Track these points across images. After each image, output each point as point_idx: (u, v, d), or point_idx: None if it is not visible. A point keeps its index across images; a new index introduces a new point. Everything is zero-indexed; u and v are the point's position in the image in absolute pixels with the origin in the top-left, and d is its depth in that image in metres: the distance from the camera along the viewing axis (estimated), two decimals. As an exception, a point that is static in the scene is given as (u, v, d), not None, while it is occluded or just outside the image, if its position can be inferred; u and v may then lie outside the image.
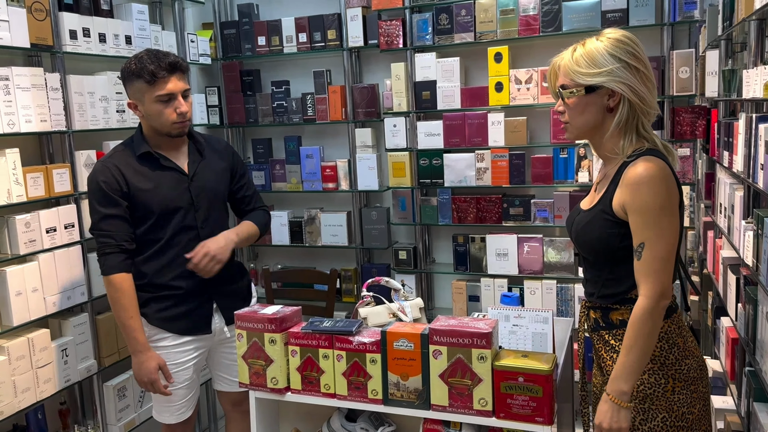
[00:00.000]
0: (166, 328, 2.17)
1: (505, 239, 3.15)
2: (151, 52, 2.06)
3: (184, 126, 2.11)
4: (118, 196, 2.06)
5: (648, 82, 1.52)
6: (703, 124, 2.80)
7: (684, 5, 2.76)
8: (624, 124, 1.54)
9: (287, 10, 3.55)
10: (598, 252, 1.58)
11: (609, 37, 1.53)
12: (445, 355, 1.58)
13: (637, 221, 1.47)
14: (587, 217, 1.61)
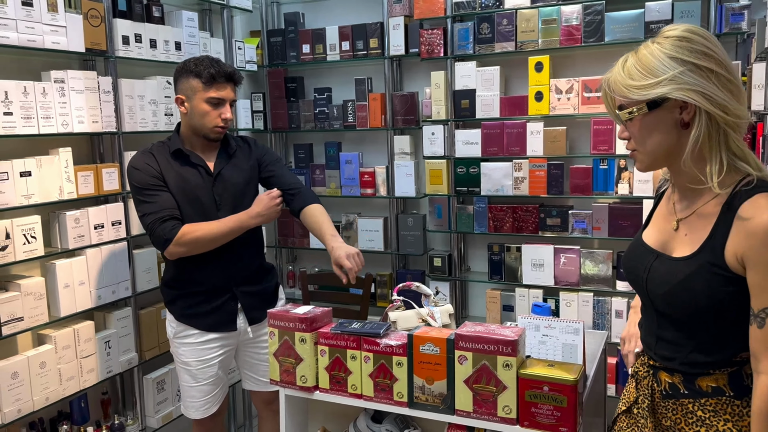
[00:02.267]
0: (192, 324, 2.25)
1: (542, 249, 3.14)
2: (212, 58, 2.19)
3: (223, 132, 2.22)
4: (161, 181, 2.18)
5: (730, 85, 1.20)
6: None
7: (731, 16, 2.71)
8: (707, 143, 1.22)
9: (332, 18, 3.62)
10: (702, 313, 1.26)
11: (668, 35, 1.23)
12: (471, 361, 1.59)
13: (761, 282, 1.17)
14: (685, 268, 1.27)
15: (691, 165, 1.25)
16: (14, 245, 2.22)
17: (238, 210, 2.24)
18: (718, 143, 1.22)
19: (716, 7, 2.74)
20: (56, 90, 2.36)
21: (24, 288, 2.26)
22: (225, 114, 2.18)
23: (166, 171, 2.19)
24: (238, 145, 2.35)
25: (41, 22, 2.29)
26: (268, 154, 2.43)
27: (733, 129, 1.21)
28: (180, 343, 2.27)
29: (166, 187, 2.17)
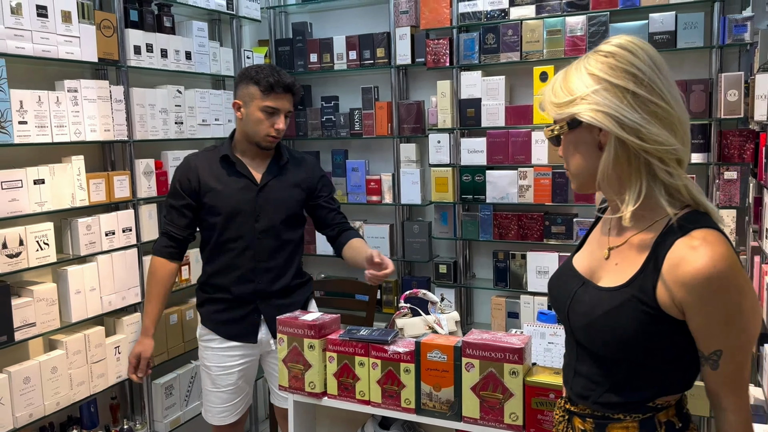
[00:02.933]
0: (215, 330, 2.28)
1: (546, 257, 3.16)
2: (274, 67, 2.20)
3: (274, 141, 2.22)
4: (185, 192, 2.23)
5: (654, 108, 1.07)
6: (751, 148, 2.76)
7: (734, 28, 2.74)
8: (626, 169, 1.10)
9: (339, 28, 3.67)
10: (623, 350, 1.14)
11: (597, 49, 1.13)
12: (478, 368, 1.62)
13: (708, 329, 1.07)
14: (610, 300, 1.15)
15: (608, 191, 1.16)
16: (27, 252, 2.26)
17: (275, 224, 2.24)
18: (638, 170, 1.10)
19: (719, 18, 2.78)
20: (69, 99, 2.41)
21: (36, 294, 2.30)
22: (278, 124, 2.17)
23: (208, 179, 2.22)
24: (293, 159, 2.33)
25: (56, 33, 2.33)
26: (324, 183, 2.39)
27: (654, 156, 1.07)
28: (204, 346, 2.31)
29: (189, 200, 2.23)
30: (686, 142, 1.11)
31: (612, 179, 1.13)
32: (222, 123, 3.23)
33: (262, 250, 2.23)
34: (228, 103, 3.30)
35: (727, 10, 2.81)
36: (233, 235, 2.23)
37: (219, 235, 2.23)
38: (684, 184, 1.10)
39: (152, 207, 2.81)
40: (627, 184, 1.12)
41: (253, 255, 2.23)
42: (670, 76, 1.10)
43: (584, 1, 2.98)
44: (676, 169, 1.09)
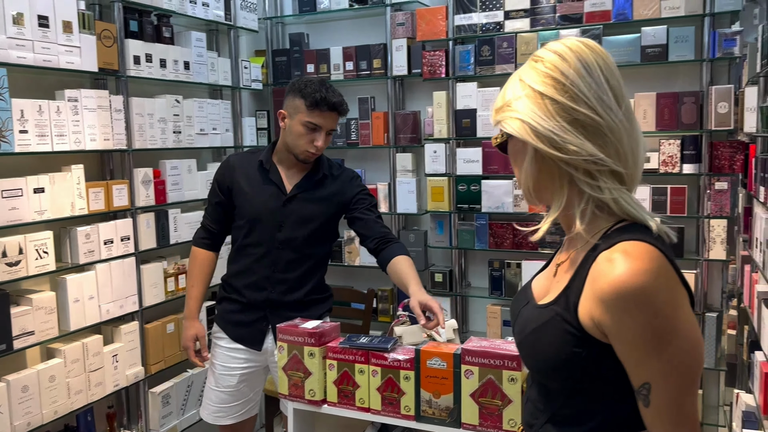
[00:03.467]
0: (224, 329, 2.29)
1: (541, 266, 3.19)
2: (323, 83, 2.14)
3: (312, 157, 2.18)
4: (220, 191, 2.27)
5: (577, 115, 0.97)
6: (741, 159, 2.81)
7: (724, 42, 2.80)
8: (547, 180, 1.02)
9: (335, 40, 3.71)
10: (554, 374, 1.04)
11: (535, 54, 1.05)
12: (477, 375, 1.64)
13: (631, 356, 0.94)
14: (539, 317, 1.06)
15: (539, 204, 1.08)
16: (27, 260, 2.27)
17: (297, 236, 2.20)
18: (561, 183, 1.01)
19: (710, 32, 2.84)
20: (70, 108, 2.42)
21: (36, 302, 2.31)
22: (317, 141, 2.13)
23: (241, 180, 2.23)
24: (331, 174, 2.27)
25: (57, 43, 2.36)
26: (363, 195, 2.29)
27: (575, 167, 0.98)
28: (214, 343, 2.32)
29: (222, 198, 2.26)
30: (624, 153, 0.98)
31: (540, 192, 1.05)
32: (219, 132, 3.26)
33: (279, 260, 2.22)
34: (226, 113, 3.33)
35: (717, 25, 2.87)
36: (254, 240, 2.23)
37: (242, 237, 2.25)
38: (614, 197, 0.98)
39: (150, 216, 2.83)
40: (554, 198, 1.03)
41: (271, 263, 2.22)
42: (606, 81, 0.98)
43: (578, 14, 3.04)
44: (607, 182, 0.98)
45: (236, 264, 2.28)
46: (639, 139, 1.02)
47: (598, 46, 1.02)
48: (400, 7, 3.47)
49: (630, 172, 1.00)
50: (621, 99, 1.00)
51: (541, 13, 3.11)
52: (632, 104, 1.12)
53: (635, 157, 1.01)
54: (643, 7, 2.92)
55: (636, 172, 1.02)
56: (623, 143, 0.99)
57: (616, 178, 0.99)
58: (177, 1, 2.95)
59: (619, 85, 1.00)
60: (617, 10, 2.97)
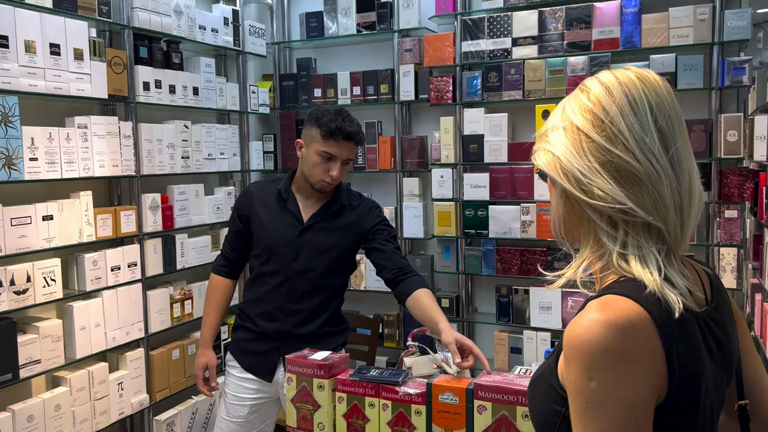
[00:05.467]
0: (237, 358, 2.27)
1: (549, 293, 3.18)
2: (341, 111, 2.13)
3: (328, 186, 2.15)
4: (239, 219, 2.26)
5: (606, 156, 0.87)
6: (751, 187, 2.80)
7: (733, 70, 2.80)
8: (573, 223, 0.94)
9: (343, 65, 3.72)
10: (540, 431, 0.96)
11: (584, 83, 0.95)
12: (490, 411, 1.62)
13: (573, 409, 0.84)
14: (541, 368, 0.99)
15: (563, 242, 0.98)
16: (34, 288, 2.26)
17: (313, 267, 2.17)
18: (588, 227, 0.91)
19: (719, 60, 2.84)
20: (79, 135, 2.43)
21: (42, 330, 2.29)
22: (333, 171, 2.09)
23: (259, 209, 2.22)
24: (350, 205, 2.24)
25: (67, 70, 2.37)
26: (382, 226, 2.24)
27: (600, 213, 0.88)
28: (227, 372, 2.29)
29: (241, 227, 2.25)
30: (665, 206, 0.86)
31: (567, 232, 0.96)
32: (227, 157, 3.26)
33: (294, 291, 2.19)
34: (233, 137, 3.33)
35: (725, 53, 2.88)
36: (271, 269, 2.20)
37: (259, 266, 2.23)
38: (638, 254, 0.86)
39: (157, 241, 2.82)
40: (582, 241, 0.93)
41: (285, 294, 2.19)
42: (654, 122, 0.87)
43: (586, 41, 3.05)
44: (636, 237, 0.86)
45: (252, 292, 2.26)
46: (690, 191, 0.88)
47: (658, 80, 0.91)
48: (408, 33, 3.48)
49: (672, 229, 0.87)
50: (670, 143, 0.87)
51: (549, 40, 3.12)
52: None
53: (681, 212, 0.87)
54: (651, 35, 2.93)
55: (683, 230, 0.88)
56: (664, 195, 0.86)
57: (653, 234, 0.87)
58: (186, 28, 2.97)
59: (671, 126, 0.88)
60: (625, 38, 2.98)
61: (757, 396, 1.04)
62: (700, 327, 0.89)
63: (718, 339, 0.93)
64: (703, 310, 0.92)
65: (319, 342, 2.21)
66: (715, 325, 0.93)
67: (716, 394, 0.92)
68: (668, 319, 0.82)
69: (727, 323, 0.97)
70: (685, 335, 0.84)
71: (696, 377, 0.85)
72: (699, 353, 0.86)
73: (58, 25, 2.32)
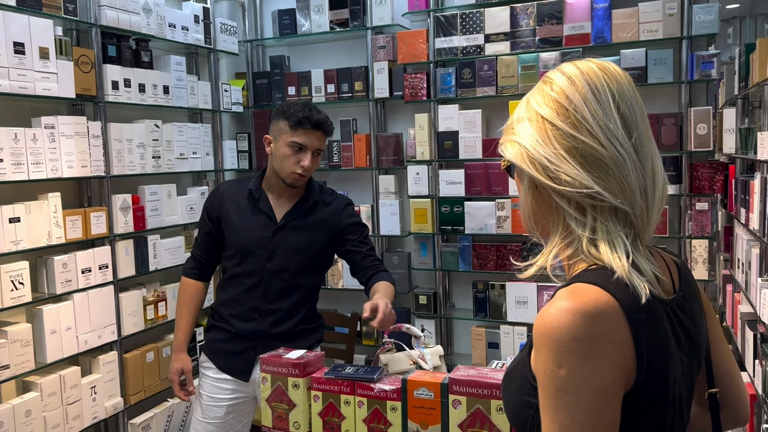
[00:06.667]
0: (212, 359, 2.24)
1: (525, 287, 3.19)
2: (307, 104, 2.14)
3: (300, 180, 2.13)
4: (209, 220, 2.23)
5: (572, 142, 0.88)
6: (721, 179, 2.84)
7: (702, 64, 2.84)
8: (543, 213, 0.94)
9: (316, 62, 3.70)
10: (515, 425, 0.96)
11: (546, 75, 0.96)
12: (465, 405, 1.62)
13: (542, 398, 0.84)
14: (513, 362, 0.99)
15: (534, 233, 0.98)
16: (1, 292, 2.21)
17: (288, 266, 2.16)
18: (557, 215, 0.91)
19: (688, 55, 2.88)
20: (46, 136, 2.38)
21: (11, 335, 2.24)
22: (304, 161, 2.08)
23: (230, 210, 2.18)
24: (323, 201, 2.23)
25: (33, 70, 2.32)
26: (356, 226, 2.25)
27: (568, 199, 0.88)
28: (202, 373, 2.26)
29: (212, 228, 2.22)
30: (631, 190, 0.87)
31: (538, 223, 0.96)
32: (200, 156, 3.23)
33: (270, 291, 2.17)
34: (206, 136, 3.30)
35: (694, 47, 2.91)
36: (245, 270, 2.18)
37: (233, 267, 2.20)
38: (606, 239, 0.87)
39: (129, 243, 2.78)
40: (551, 231, 0.93)
41: (261, 294, 2.17)
42: (616, 109, 0.89)
43: (557, 37, 3.07)
44: (604, 222, 0.87)
45: (226, 293, 2.24)
46: (653, 176, 0.90)
47: (617, 69, 0.92)
48: (381, 30, 3.48)
49: (638, 213, 0.88)
50: (633, 129, 0.89)
51: (521, 37, 3.14)
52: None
53: (646, 196, 0.88)
54: (621, 30, 2.95)
55: (649, 214, 0.89)
56: (629, 178, 0.87)
57: (620, 219, 0.88)
58: (156, 26, 2.93)
59: (633, 113, 0.89)
60: (596, 33, 3.00)
61: (726, 385, 1.05)
62: (668, 315, 0.90)
63: (686, 327, 0.93)
64: (671, 298, 0.93)
65: (296, 340, 2.20)
66: (683, 314, 0.94)
67: (685, 383, 0.92)
68: (636, 307, 0.82)
69: (695, 312, 0.98)
70: (653, 323, 0.85)
71: (664, 365, 0.85)
72: (667, 341, 0.87)
73: (22, 24, 2.27)
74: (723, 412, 1.04)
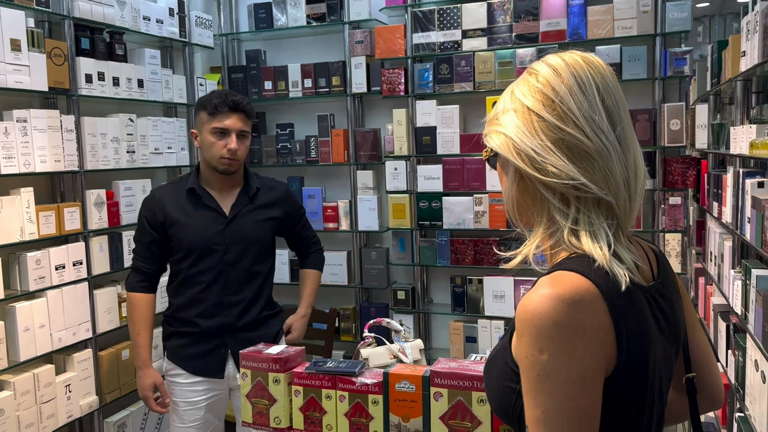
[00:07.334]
0: (180, 365, 2.21)
1: (502, 281, 3.22)
2: (223, 91, 2.19)
3: (231, 164, 2.15)
4: (152, 228, 2.18)
5: (558, 134, 0.88)
6: (693, 174, 2.90)
7: (675, 61, 2.89)
8: (527, 203, 0.94)
9: (293, 57, 3.68)
10: (497, 412, 0.97)
11: (531, 66, 0.97)
12: (446, 398, 1.63)
13: (525, 384, 0.85)
14: (494, 349, 1.00)
15: (518, 224, 0.99)
16: (-28, 289, 2.16)
17: (245, 256, 2.20)
18: (541, 206, 0.92)
19: (661, 51, 2.92)
20: (18, 129, 2.33)
21: (-18, 333, 2.19)
22: (230, 144, 2.11)
23: (175, 213, 2.16)
24: (264, 187, 2.28)
25: (4, 62, 2.27)
26: (296, 209, 2.41)
27: (552, 190, 0.89)
28: (170, 381, 2.23)
29: (157, 235, 2.17)
30: (615, 181, 0.88)
31: (522, 214, 0.97)
32: (175, 151, 3.19)
33: (230, 283, 2.19)
34: (181, 131, 3.26)
35: (668, 44, 2.96)
36: (201, 268, 2.17)
37: (187, 268, 2.18)
38: (589, 230, 0.88)
39: (103, 239, 2.74)
40: (535, 221, 0.94)
41: (222, 288, 2.18)
42: (601, 101, 0.90)
43: (534, 33, 3.09)
44: (587, 213, 0.89)
45: (183, 296, 2.21)
46: (635, 167, 0.91)
47: (600, 62, 0.93)
48: (359, 25, 3.47)
49: (621, 203, 0.89)
50: (617, 121, 0.90)
51: (498, 33, 3.16)
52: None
53: (629, 187, 0.90)
54: (597, 26, 2.99)
55: (631, 205, 0.91)
56: (614, 170, 0.88)
57: (603, 210, 0.89)
58: (130, 18, 2.88)
59: (617, 105, 0.91)
60: (572, 30, 3.04)
61: (703, 369, 1.08)
62: (648, 301, 0.91)
63: (665, 313, 0.95)
64: (650, 285, 0.94)
65: (262, 327, 2.27)
66: (662, 300, 0.96)
67: (665, 367, 0.94)
68: (616, 293, 0.84)
69: (673, 298, 1.00)
70: (633, 309, 0.86)
71: (644, 350, 0.87)
72: (647, 326, 0.88)
73: (-8, 14, 2.22)
74: (700, 396, 1.06)
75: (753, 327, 1.73)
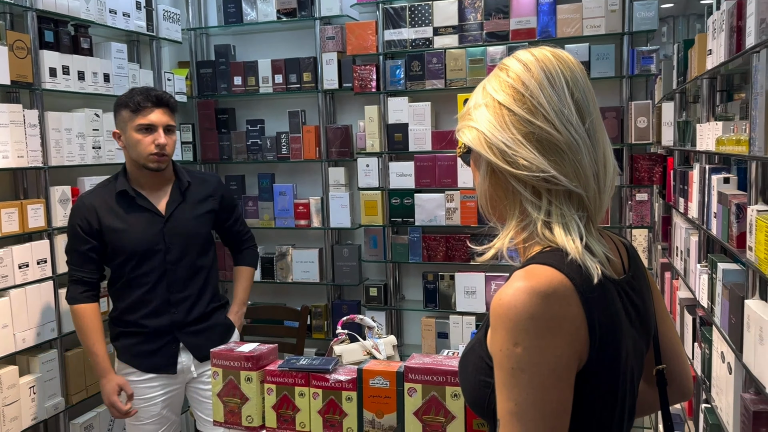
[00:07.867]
0: (131, 364, 2.20)
1: (474, 277, 3.24)
2: (142, 87, 2.15)
3: (161, 160, 2.13)
4: (88, 236, 2.13)
5: (528, 127, 0.89)
6: (659, 171, 2.96)
7: (642, 59, 2.94)
8: (500, 197, 0.95)
9: (263, 52, 3.64)
10: (471, 406, 0.99)
11: (501, 62, 0.98)
12: (420, 393, 1.63)
13: (498, 377, 0.86)
14: (469, 344, 1.01)
15: (491, 219, 1.00)
16: (-69, 288, 2.09)
17: (186, 253, 2.19)
18: (513, 199, 0.93)
19: (629, 50, 2.97)
20: (-21, 124, 2.26)
21: (-59, 334, 2.12)
22: (159, 139, 2.09)
23: (108, 219, 2.12)
24: (195, 180, 2.27)
25: (-37, 54, 2.19)
26: (232, 204, 2.41)
27: (523, 183, 0.90)
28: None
29: (94, 243, 2.12)
30: (585, 174, 0.90)
31: (495, 208, 0.97)
32: (143, 147, 3.12)
33: (175, 281, 2.18)
34: (149, 127, 3.20)
35: (635, 43, 3.01)
36: (145, 270, 2.15)
37: (129, 272, 2.15)
38: (560, 222, 0.89)
39: (69, 236, 2.67)
40: (507, 215, 0.95)
41: (167, 287, 2.17)
42: (570, 95, 0.91)
43: (504, 31, 3.12)
44: (558, 205, 0.90)
45: (127, 299, 2.18)
46: (605, 161, 0.92)
47: (569, 57, 0.95)
48: (330, 20, 3.45)
49: (591, 196, 0.91)
50: (586, 115, 0.91)
51: (469, 30, 3.17)
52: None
53: (599, 180, 0.91)
54: (566, 25, 3.03)
55: (601, 198, 0.92)
56: (583, 163, 0.90)
57: (574, 202, 0.90)
58: (96, 11, 2.82)
59: (586, 100, 0.92)
60: (541, 28, 3.07)
61: (672, 361, 1.10)
62: (619, 294, 0.93)
63: (636, 306, 0.97)
64: (621, 278, 0.96)
65: (211, 318, 2.28)
66: (633, 293, 0.97)
67: (636, 360, 0.95)
68: (589, 286, 0.85)
69: (644, 291, 1.01)
70: (605, 301, 0.87)
71: (616, 342, 0.88)
72: (618, 318, 0.90)
73: (-50, 5, 2.14)
74: (669, 388, 1.08)
75: (719, 320, 1.77)
